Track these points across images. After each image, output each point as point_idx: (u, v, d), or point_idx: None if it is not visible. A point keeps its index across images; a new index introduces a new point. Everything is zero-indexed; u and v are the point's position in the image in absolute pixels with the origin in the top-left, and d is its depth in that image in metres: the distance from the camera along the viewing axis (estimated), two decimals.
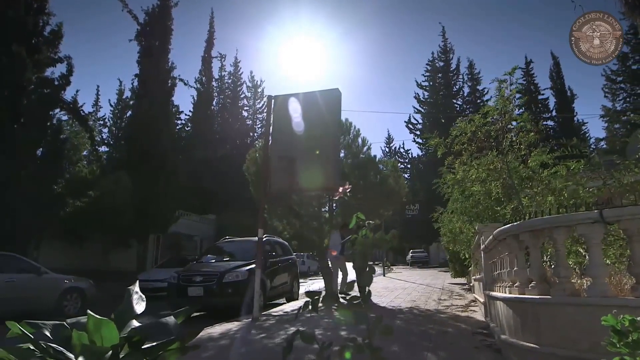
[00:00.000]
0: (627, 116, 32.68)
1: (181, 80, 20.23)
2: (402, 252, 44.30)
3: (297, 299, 11.22)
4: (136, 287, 2.06)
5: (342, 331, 5.81)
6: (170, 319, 1.73)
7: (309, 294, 1.28)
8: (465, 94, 44.16)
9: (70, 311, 9.74)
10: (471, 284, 11.61)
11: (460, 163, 6.41)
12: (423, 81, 44.91)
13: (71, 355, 1.56)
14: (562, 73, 37.83)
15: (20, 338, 1.65)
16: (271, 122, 8.09)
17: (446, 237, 10.47)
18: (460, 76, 44.33)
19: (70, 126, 19.56)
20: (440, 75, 44.61)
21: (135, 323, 1.86)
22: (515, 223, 3.80)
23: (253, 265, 8.92)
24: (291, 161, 7.67)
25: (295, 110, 7.90)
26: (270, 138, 8.18)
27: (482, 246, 5.98)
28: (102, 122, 35.45)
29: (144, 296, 2.03)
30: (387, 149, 52.98)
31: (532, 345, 3.39)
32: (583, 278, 3.94)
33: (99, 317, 1.50)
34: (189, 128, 33.69)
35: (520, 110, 6.16)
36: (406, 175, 41.72)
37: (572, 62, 60.91)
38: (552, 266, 4.06)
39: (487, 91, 43.02)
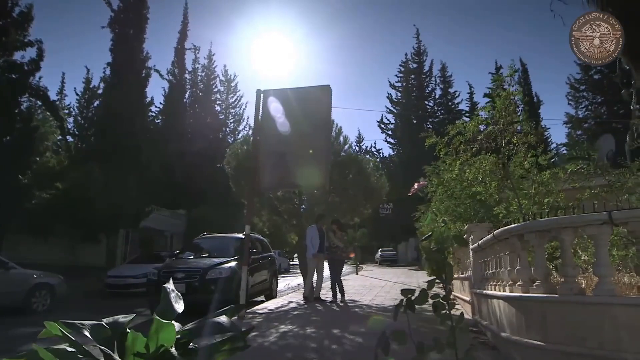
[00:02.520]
0: (588, 123, 34.27)
1: (156, 71, 19.63)
2: (371, 251, 44.66)
3: (276, 297, 11.09)
4: (171, 285, 1.95)
5: (335, 329, 5.80)
6: (224, 318, 1.64)
7: (404, 292, 1.23)
8: (437, 96, 45.07)
9: (39, 308, 9.27)
10: None
11: (462, 162, 6.51)
12: (396, 82, 45.55)
13: None
14: (529, 79, 39.13)
15: (60, 339, 1.53)
16: (260, 117, 7.93)
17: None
18: (433, 78, 45.22)
19: (33, 114, 18.63)
20: (413, 76, 45.34)
21: (175, 324, 1.76)
22: (521, 223, 3.87)
23: (235, 262, 8.77)
24: (280, 157, 7.56)
25: (284, 105, 7.76)
26: (257, 133, 8.04)
27: (471, 245, 6.07)
28: (67, 111, 33.92)
29: (180, 294, 1.92)
30: (357, 148, 53.42)
31: (537, 342, 3.46)
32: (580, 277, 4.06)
33: (164, 320, 1.40)
34: (159, 120, 32.77)
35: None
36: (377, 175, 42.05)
37: (539, 70, 63.41)
38: (555, 265, 4.18)
39: (459, 94, 44.15)
